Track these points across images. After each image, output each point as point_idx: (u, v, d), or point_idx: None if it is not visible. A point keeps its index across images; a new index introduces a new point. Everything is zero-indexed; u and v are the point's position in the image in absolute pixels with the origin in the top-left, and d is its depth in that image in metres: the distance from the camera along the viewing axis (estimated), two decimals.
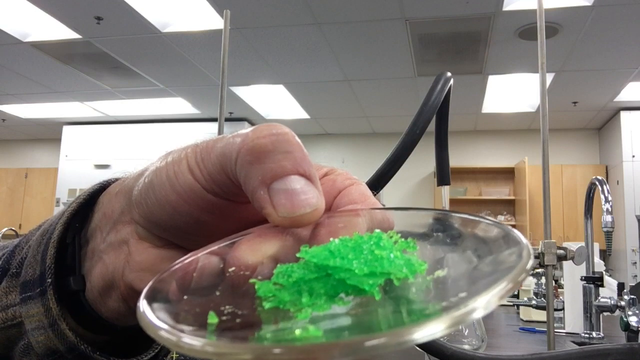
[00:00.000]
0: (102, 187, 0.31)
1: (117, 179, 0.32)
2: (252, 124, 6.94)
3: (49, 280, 0.28)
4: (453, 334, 0.66)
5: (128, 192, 0.28)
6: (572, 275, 1.54)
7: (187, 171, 0.26)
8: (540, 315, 1.79)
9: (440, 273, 0.23)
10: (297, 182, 0.24)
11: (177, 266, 0.24)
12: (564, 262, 1.11)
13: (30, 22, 4.39)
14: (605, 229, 1.30)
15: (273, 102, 6.23)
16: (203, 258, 0.24)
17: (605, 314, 1.38)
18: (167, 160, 0.27)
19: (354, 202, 0.26)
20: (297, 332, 0.19)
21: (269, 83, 5.54)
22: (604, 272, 1.44)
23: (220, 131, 0.81)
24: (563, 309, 1.57)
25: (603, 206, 1.30)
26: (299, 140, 0.25)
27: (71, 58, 4.99)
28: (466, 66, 4.90)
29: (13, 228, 4.68)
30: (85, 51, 4.79)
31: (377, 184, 0.56)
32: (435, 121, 0.67)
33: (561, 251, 0.70)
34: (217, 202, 0.26)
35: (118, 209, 0.29)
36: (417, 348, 0.50)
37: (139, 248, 0.28)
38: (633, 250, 5.72)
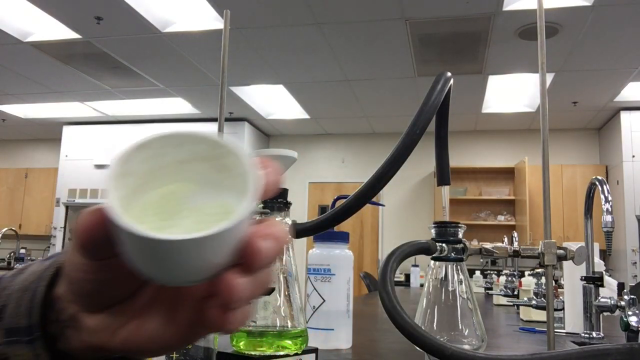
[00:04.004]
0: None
1: None
2: (252, 124, 6.94)
3: (37, 334, 0.33)
4: (453, 334, 0.66)
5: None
6: (572, 275, 1.54)
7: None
8: (540, 315, 1.79)
9: None
10: None
11: None
12: (564, 262, 1.11)
13: (30, 22, 4.39)
14: (605, 229, 1.30)
15: (273, 102, 6.23)
16: None
17: (605, 314, 1.38)
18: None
19: None
20: None
21: (269, 83, 5.54)
22: (604, 272, 1.44)
23: (220, 131, 0.81)
24: (563, 309, 1.57)
25: (603, 206, 1.30)
26: None
27: (71, 58, 4.99)
28: (466, 66, 4.91)
29: (13, 228, 4.69)
30: (85, 51, 4.79)
31: (377, 184, 0.56)
32: (435, 121, 0.67)
33: (561, 251, 0.70)
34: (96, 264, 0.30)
35: (64, 291, 0.33)
36: (417, 348, 0.50)
37: (86, 317, 0.32)
38: (633, 250, 5.72)
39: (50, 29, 4.42)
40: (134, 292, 0.32)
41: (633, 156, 5.92)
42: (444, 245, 0.66)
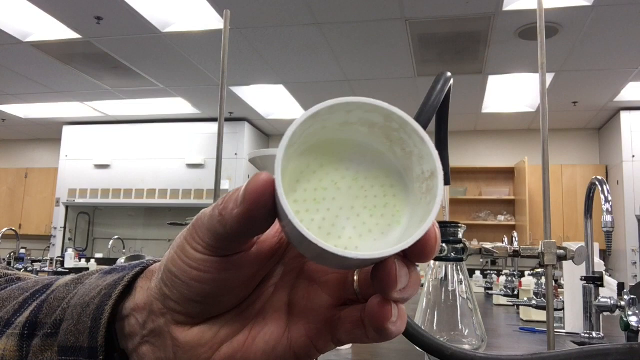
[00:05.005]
0: (142, 270, 0.32)
1: (151, 264, 0.33)
2: (252, 124, 6.94)
3: (101, 357, 0.30)
4: (453, 334, 0.66)
5: (158, 286, 0.29)
6: (572, 275, 1.54)
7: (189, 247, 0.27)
8: (540, 315, 1.79)
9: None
10: None
11: None
12: (564, 262, 1.11)
13: (30, 22, 4.39)
14: (605, 229, 1.30)
15: (273, 102, 6.23)
16: None
17: (605, 314, 1.38)
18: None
19: None
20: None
21: (269, 83, 5.54)
22: (604, 272, 1.44)
23: (220, 131, 0.81)
24: (563, 309, 1.57)
25: (603, 206, 1.30)
26: None
27: (71, 58, 4.99)
28: (466, 66, 4.90)
29: (13, 228, 4.68)
30: (85, 51, 4.79)
31: None
32: (435, 121, 0.67)
33: (561, 251, 0.70)
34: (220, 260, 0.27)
35: (151, 300, 0.30)
36: (417, 348, 0.50)
37: (181, 331, 0.29)
38: (633, 250, 5.72)
39: (50, 29, 4.42)
40: (246, 298, 0.29)
41: (633, 156, 5.92)
42: (444, 245, 0.66)
